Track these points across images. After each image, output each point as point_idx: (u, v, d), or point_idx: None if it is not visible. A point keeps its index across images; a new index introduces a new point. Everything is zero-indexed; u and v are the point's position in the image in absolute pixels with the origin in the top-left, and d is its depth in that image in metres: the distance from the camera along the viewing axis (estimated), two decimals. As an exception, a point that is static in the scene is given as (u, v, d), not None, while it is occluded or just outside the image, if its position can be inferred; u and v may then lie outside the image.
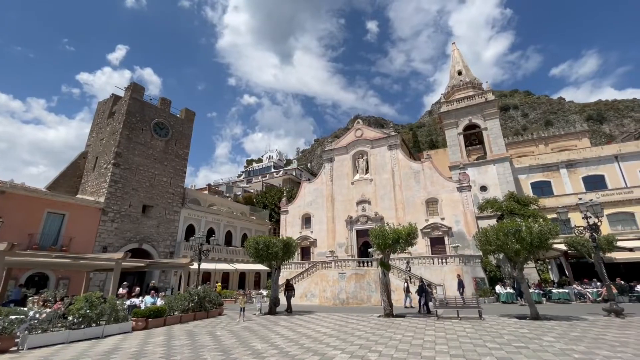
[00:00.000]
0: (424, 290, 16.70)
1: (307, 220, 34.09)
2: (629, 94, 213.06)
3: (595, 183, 28.81)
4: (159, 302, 15.78)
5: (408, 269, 21.82)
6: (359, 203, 31.26)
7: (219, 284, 23.57)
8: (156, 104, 31.06)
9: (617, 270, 21.93)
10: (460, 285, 19.51)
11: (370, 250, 23.33)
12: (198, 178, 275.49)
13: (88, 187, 27.42)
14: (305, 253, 32.72)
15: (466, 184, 27.03)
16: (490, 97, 32.66)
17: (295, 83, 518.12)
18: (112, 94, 32.14)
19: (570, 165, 29.87)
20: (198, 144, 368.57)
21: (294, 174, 66.66)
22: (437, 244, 26.73)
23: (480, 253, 19.31)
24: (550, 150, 37.52)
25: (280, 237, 25.66)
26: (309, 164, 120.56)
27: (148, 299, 16.15)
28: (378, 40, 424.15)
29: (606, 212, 24.12)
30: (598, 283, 19.87)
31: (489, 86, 34.99)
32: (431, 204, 28.24)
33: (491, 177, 29.61)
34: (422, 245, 26.47)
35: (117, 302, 12.84)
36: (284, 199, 37.12)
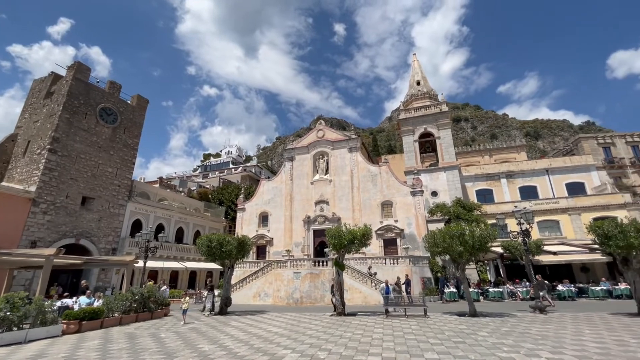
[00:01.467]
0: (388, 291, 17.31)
1: (264, 219, 33.58)
2: (561, 114, 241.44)
3: (529, 193, 31.99)
4: (97, 302, 14.52)
5: (373, 273, 22.35)
6: (317, 203, 31.50)
7: (151, 282, 21.11)
8: (104, 87, 28.54)
9: (542, 271, 24.55)
10: (408, 284, 20.52)
11: (326, 250, 23.61)
12: (149, 170, 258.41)
13: (16, 174, 24.38)
14: (261, 252, 32.20)
15: (419, 189, 28.51)
16: (445, 108, 34.78)
17: (260, 78, 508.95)
18: (52, 72, 28.94)
19: (509, 175, 32.86)
20: (150, 134, 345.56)
21: (253, 171, 65.25)
22: (390, 245, 27.83)
23: (429, 254, 20.54)
24: (494, 161, 40.94)
25: (236, 235, 25.01)
26: (269, 162, 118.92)
27: (83, 300, 14.79)
28: (345, 43, 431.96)
29: (537, 219, 26.90)
30: (527, 283, 22.06)
31: (443, 98, 37.23)
32: (386, 206, 29.35)
33: (442, 183, 31.54)
34: (375, 246, 27.40)
35: (46, 303, 11.57)
36: (242, 196, 36.21)
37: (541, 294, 17.71)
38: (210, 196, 45.96)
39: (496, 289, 21.72)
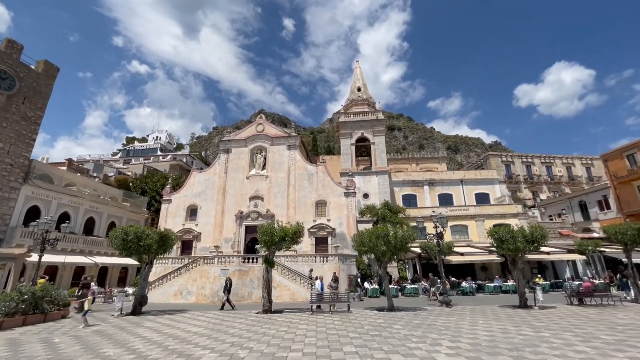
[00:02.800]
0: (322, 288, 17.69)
1: (192, 212, 31.55)
2: (477, 133, 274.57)
3: (446, 200, 35.87)
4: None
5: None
6: (252, 198, 30.74)
7: (43, 279, 17.52)
8: (-2, 45, 23.72)
9: (452, 270, 27.73)
10: (335, 281, 21.36)
11: (257, 246, 23.19)
12: (55, 150, 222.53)
13: None
14: (187, 247, 30.21)
15: (352, 190, 29.79)
16: (381, 116, 36.98)
17: (199, 61, 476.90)
18: None
19: (431, 183, 36.38)
20: (60, 108, 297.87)
21: (184, 160, 60.79)
22: (321, 243, 28.53)
23: (357, 253, 21.61)
24: (419, 170, 44.89)
25: (158, 228, 23.02)
26: (203, 152, 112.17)
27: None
28: (293, 40, 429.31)
29: (450, 223, 30.20)
30: (438, 280, 24.67)
31: (381, 106, 39.60)
32: (320, 205, 30.02)
33: (373, 186, 33.47)
34: (307, 244, 27.82)
35: None
36: (169, 186, 33.49)
37: (432, 290, 20.14)
38: (131, 184, 41.53)
39: (412, 286, 23.81)
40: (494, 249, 18.92)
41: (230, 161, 32.84)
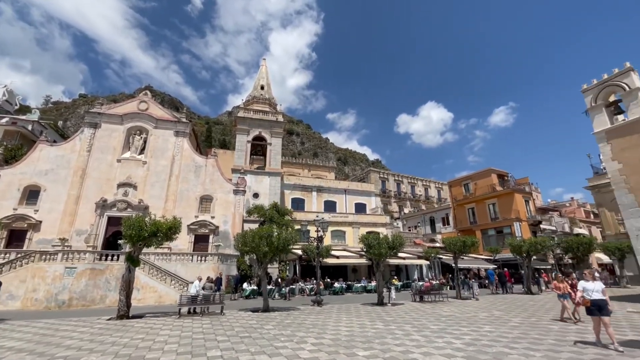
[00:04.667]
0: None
1: (32, 195, 24.88)
2: (364, 149, 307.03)
3: (331, 206, 38.65)
4: None
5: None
6: (121, 185, 26.33)
7: None
8: None
9: (328, 271, 29.97)
10: (214, 282, 20.24)
11: (120, 242, 19.92)
12: None
13: None
14: (18, 238, 23.55)
15: (242, 189, 28.96)
16: (281, 118, 37.36)
17: (70, 9, 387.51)
18: None
19: (319, 190, 38.64)
20: None
21: (30, 128, 47.46)
22: (201, 242, 26.60)
23: (238, 253, 21.00)
24: (310, 176, 47.18)
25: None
26: (61, 122, 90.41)
27: None
28: (199, 18, 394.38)
29: (331, 228, 32.80)
30: (314, 280, 26.22)
31: (282, 109, 40.05)
32: (205, 201, 28.06)
33: (264, 187, 33.34)
34: (185, 242, 25.54)
35: None
36: (-1, 158, 25.61)
37: (287, 289, 21.64)
38: None
39: (290, 286, 24.55)
40: (363, 253, 21.31)
41: (97, 138, 27.43)
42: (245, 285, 23.45)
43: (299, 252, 26.21)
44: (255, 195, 32.57)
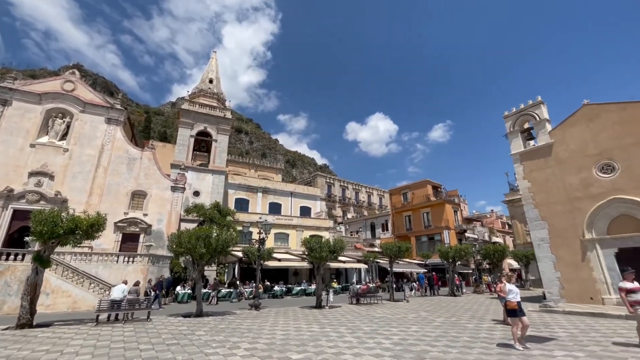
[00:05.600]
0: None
1: None
2: (313, 153, 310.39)
3: (276, 208, 38.21)
4: None
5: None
6: (34, 174, 22.90)
7: None
8: None
9: (269, 274, 29.51)
10: (159, 286, 19.08)
11: (27, 239, 17.30)
12: None
13: None
14: None
15: (182, 185, 27.20)
16: (229, 115, 36.05)
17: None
18: None
19: (265, 191, 38.01)
20: None
21: None
22: (130, 241, 24.28)
23: (172, 254, 19.62)
24: (257, 176, 46.19)
25: None
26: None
27: None
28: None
29: (275, 231, 32.42)
30: (253, 283, 25.61)
31: (230, 106, 38.68)
32: (138, 197, 25.73)
33: (207, 185, 31.75)
34: (110, 240, 23.10)
35: None
36: None
37: (212, 293, 21.23)
38: None
39: (227, 290, 23.66)
40: (305, 256, 21.44)
41: (6, 117, 23.57)
42: (178, 288, 21.99)
43: (240, 254, 25.41)
44: (196, 194, 30.85)
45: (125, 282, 14.81)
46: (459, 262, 30.16)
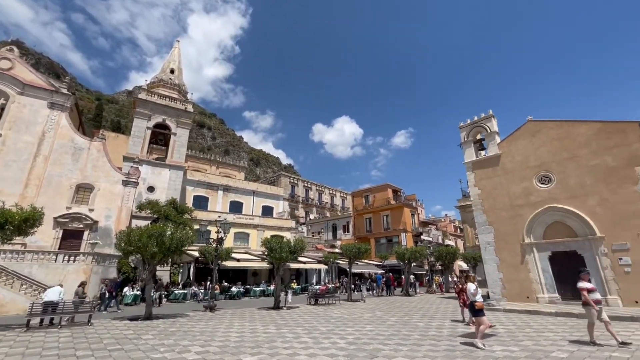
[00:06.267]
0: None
1: None
2: (278, 153, 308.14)
3: (237, 207, 37.22)
4: None
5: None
6: (-43, 161, 20.19)
7: None
8: None
9: (227, 275, 28.65)
10: (116, 286, 17.57)
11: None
12: None
13: None
14: None
15: (134, 180, 25.51)
16: (190, 108, 34.50)
17: None
18: None
19: (226, 189, 36.88)
20: None
21: None
22: (72, 238, 22.27)
23: (121, 253, 18.27)
24: (218, 174, 44.72)
25: None
26: None
27: None
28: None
29: (235, 230, 31.58)
30: (210, 284, 24.71)
31: (192, 99, 37.05)
32: (84, 190, 23.69)
33: (163, 180, 30.07)
34: (48, 237, 21.02)
35: None
36: None
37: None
38: None
39: (180, 291, 22.60)
40: (265, 256, 21.11)
41: None
42: (126, 289, 20.55)
43: (196, 253, 24.40)
44: (151, 189, 29.11)
45: (61, 285, 13.45)
46: (414, 264, 31.54)
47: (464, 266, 44.01)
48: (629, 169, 15.84)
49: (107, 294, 17.21)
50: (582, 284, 8.59)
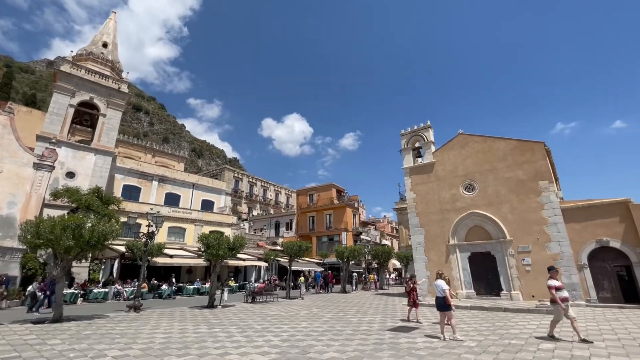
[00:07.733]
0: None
1: None
2: (224, 145, 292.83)
3: (173, 200, 34.77)
4: None
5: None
6: None
7: None
8: None
9: (158, 272, 26.58)
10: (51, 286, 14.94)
11: None
12: None
13: None
14: None
15: (49, 163, 22.28)
16: (125, 89, 31.27)
17: None
18: None
19: (162, 180, 34.25)
20: None
21: None
22: (-39, 228, 18.65)
23: (26, 247, 15.79)
24: (154, 163, 41.29)
25: None
26: None
27: None
28: None
29: (169, 224, 29.48)
30: (136, 282, 22.70)
31: (128, 78, 33.59)
32: (-19, 171, 20.01)
33: (86, 166, 26.75)
34: None
35: None
36: None
37: (41, 294, 18.69)
38: None
39: (101, 290, 20.41)
40: (202, 253, 20.06)
41: None
42: (30, 288, 17.81)
43: (122, 248, 22.21)
44: (70, 175, 25.72)
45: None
46: (353, 262, 32.78)
47: (398, 264, 47.05)
48: (534, 182, 18.45)
49: (40, 293, 15.12)
50: (551, 282, 8.55)
